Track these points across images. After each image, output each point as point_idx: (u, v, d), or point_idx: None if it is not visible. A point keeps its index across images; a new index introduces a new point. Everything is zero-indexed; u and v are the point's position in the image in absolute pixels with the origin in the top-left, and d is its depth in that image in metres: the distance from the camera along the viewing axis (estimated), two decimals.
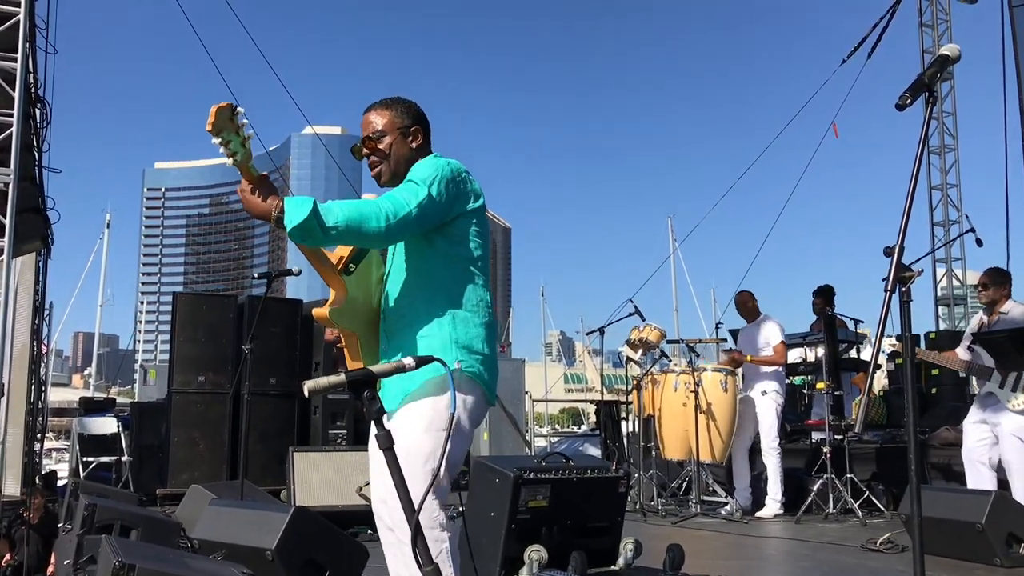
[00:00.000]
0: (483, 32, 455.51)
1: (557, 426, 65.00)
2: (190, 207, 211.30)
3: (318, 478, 6.79)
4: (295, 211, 2.32)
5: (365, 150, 2.77)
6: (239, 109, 2.24)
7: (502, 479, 3.53)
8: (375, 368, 1.80)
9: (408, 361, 1.85)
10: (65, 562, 4.94)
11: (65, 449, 20.52)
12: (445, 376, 2.51)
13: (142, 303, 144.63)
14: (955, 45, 2.49)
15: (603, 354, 10.14)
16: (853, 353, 9.16)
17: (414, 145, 2.79)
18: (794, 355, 9.64)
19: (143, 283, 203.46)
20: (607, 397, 10.23)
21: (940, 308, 17.15)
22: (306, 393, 1.77)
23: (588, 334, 9.44)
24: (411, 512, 1.67)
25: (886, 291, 2.15)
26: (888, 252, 2.17)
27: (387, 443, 1.68)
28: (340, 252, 2.67)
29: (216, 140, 2.21)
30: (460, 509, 4.03)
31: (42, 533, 7.05)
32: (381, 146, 2.75)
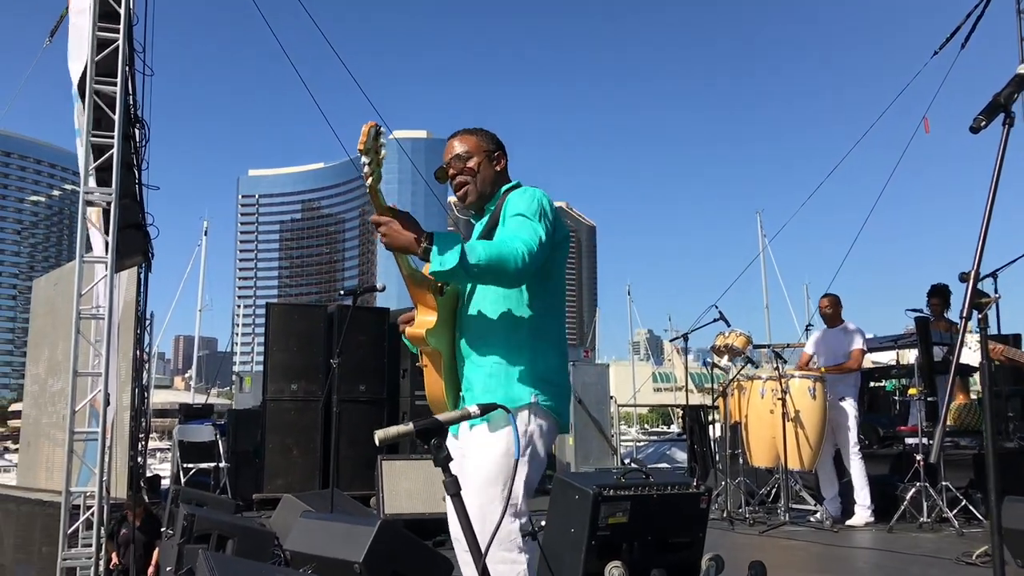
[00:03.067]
0: (569, 31, 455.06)
1: (647, 425, 64.36)
2: (283, 212, 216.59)
3: (406, 486, 6.93)
4: (446, 253, 2.34)
5: (452, 170, 2.83)
6: (382, 129, 2.28)
7: (582, 496, 3.56)
8: (442, 417, 1.86)
9: (473, 409, 1.91)
10: (167, 568, 5.19)
11: (167, 449, 21.31)
12: (525, 407, 2.63)
13: (239, 307, 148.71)
14: None
15: (687, 357, 10.05)
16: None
17: (498, 168, 2.87)
18: (886, 358, 9.40)
19: (239, 287, 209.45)
20: (697, 399, 10.12)
21: None
22: (377, 442, 1.84)
23: (672, 340, 9.37)
24: (478, 556, 1.73)
25: (961, 318, 2.12)
26: (963, 278, 2.13)
27: (454, 489, 1.74)
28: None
29: (365, 159, 2.24)
30: (541, 524, 4.09)
31: (145, 534, 7.40)
32: (470, 164, 2.82)
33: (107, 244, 8.06)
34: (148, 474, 11.57)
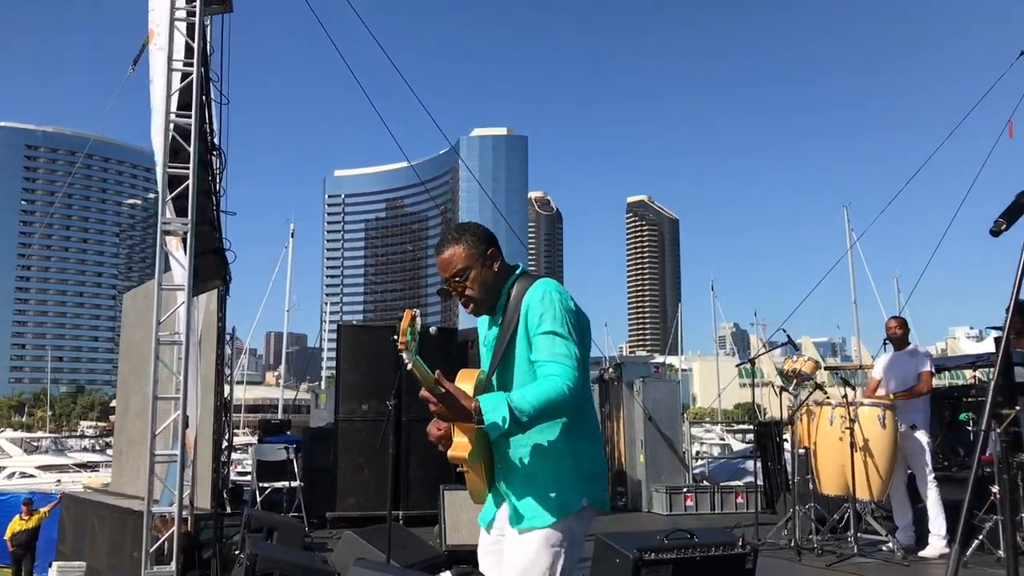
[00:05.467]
0: (649, 24, 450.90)
1: (732, 421, 63.45)
2: (368, 211, 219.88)
3: (468, 516, 7.01)
4: (499, 420, 2.42)
5: (454, 292, 2.83)
6: (416, 314, 2.33)
7: (622, 560, 3.56)
8: None
9: None
10: None
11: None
12: (574, 512, 2.69)
13: (326, 304, 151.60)
14: None
15: (752, 363, 9.83)
16: None
17: (495, 268, 2.84)
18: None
19: (327, 284, 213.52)
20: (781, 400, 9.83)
21: None
22: None
23: (738, 365, 9.23)
24: None
25: (981, 431, 2.08)
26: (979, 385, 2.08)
27: None
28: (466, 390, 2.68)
29: (405, 356, 2.30)
30: None
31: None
32: (469, 283, 2.80)
33: (184, 271, 8.30)
34: (232, 475, 11.98)
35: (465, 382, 2.73)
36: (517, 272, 2.88)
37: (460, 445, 2.65)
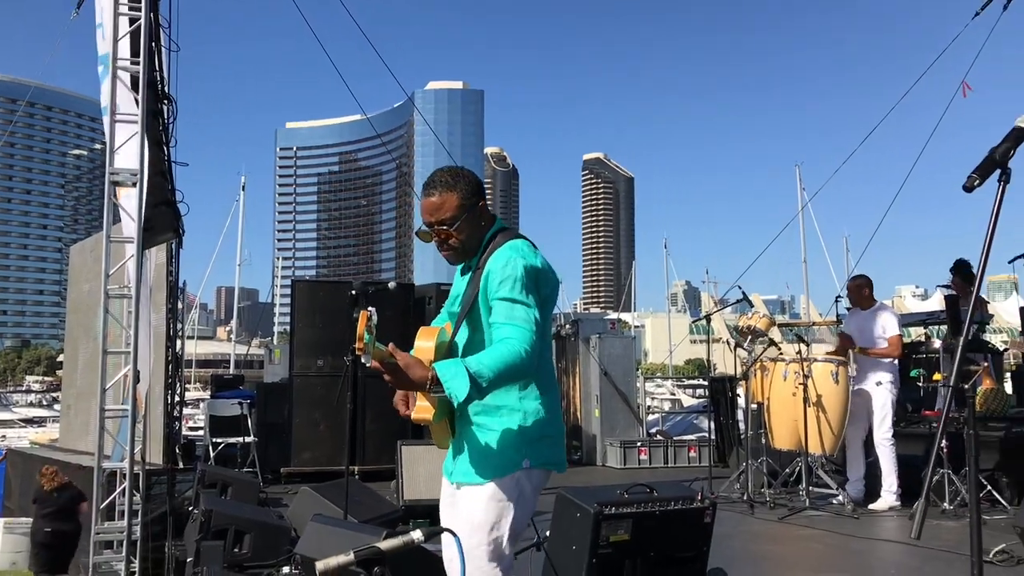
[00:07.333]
0: None
1: (682, 376, 64.34)
2: (320, 165, 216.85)
3: (425, 471, 7.00)
4: (457, 389, 2.37)
5: (436, 238, 2.74)
6: (371, 313, 2.29)
7: (583, 514, 3.56)
8: (383, 545, 1.86)
9: (416, 535, 1.90)
10: (188, 560, 5.31)
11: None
12: (517, 472, 2.66)
13: (278, 259, 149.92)
14: None
15: (709, 337, 9.96)
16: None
17: (483, 222, 2.77)
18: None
19: (279, 239, 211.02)
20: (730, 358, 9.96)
21: None
22: (317, 574, 1.83)
23: (694, 321, 9.30)
24: None
25: (945, 386, 2.08)
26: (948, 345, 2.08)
27: None
28: (428, 356, 2.61)
29: (364, 359, 2.29)
30: (546, 534, 4.12)
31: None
32: (455, 232, 2.71)
33: (135, 224, 8.09)
34: (184, 437, 11.84)
35: (425, 340, 2.69)
36: (495, 227, 2.80)
37: (423, 408, 2.63)
